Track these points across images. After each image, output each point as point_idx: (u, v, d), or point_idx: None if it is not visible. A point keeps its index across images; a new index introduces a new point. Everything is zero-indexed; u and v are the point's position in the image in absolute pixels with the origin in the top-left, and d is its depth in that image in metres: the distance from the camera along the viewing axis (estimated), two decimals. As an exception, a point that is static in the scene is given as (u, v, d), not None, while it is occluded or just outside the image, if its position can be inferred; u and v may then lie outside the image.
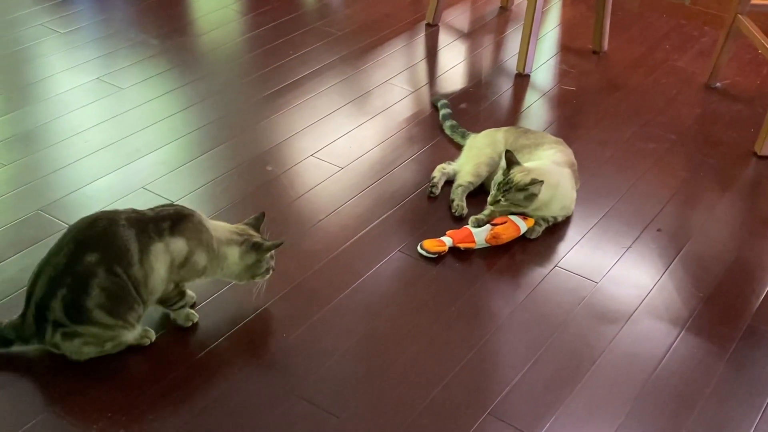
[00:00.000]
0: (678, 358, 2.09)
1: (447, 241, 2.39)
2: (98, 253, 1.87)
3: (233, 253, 2.05)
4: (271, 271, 2.14)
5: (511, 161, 2.44)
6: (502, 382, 2.01)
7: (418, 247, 2.39)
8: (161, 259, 1.93)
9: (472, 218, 2.45)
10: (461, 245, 2.39)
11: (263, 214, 2.17)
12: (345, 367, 2.03)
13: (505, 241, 2.41)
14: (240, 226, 2.12)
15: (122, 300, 1.90)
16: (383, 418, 1.90)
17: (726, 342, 2.14)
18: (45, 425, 1.84)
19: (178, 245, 1.95)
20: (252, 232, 2.11)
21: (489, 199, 2.46)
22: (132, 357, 2.01)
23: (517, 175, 2.40)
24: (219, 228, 2.08)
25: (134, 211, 1.96)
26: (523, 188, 2.38)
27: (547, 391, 1.98)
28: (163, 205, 2.02)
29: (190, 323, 2.11)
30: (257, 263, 2.08)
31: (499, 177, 2.45)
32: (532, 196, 2.39)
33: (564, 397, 1.97)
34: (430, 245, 2.38)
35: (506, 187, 2.40)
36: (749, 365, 2.08)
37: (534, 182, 2.37)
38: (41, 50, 3.37)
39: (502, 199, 2.41)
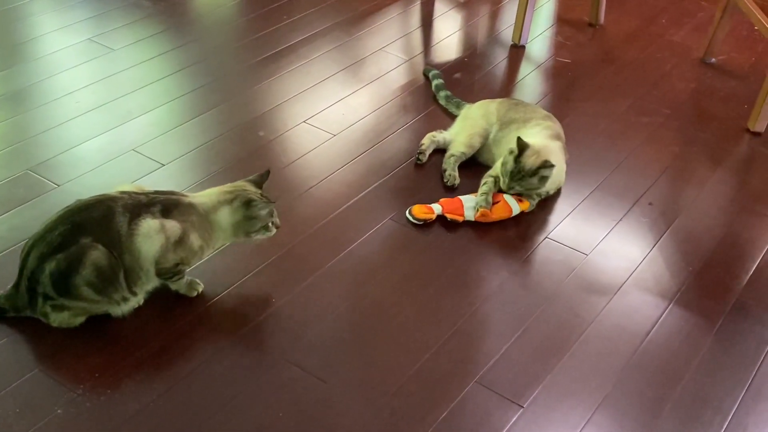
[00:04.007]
0: (665, 331, 2.10)
1: (436, 209, 2.38)
2: (93, 238, 1.87)
3: (224, 215, 2.02)
4: (273, 229, 2.09)
5: (523, 147, 2.37)
6: (490, 351, 2.01)
7: (407, 213, 2.39)
8: (155, 237, 1.92)
9: (477, 201, 2.39)
10: (449, 215, 2.38)
11: (268, 172, 2.14)
12: (334, 333, 2.03)
13: (493, 220, 2.40)
14: (238, 183, 2.08)
15: (110, 280, 1.90)
16: (371, 384, 1.91)
17: (714, 316, 2.15)
18: (33, 383, 1.84)
19: (172, 225, 1.94)
20: (249, 188, 2.07)
21: (503, 187, 2.42)
22: (121, 320, 2.00)
23: (529, 160, 2.37)
24: (208, 197, 2.04)
25: (130, 197, 1.94)
26: (535, 172, 2.37)
27: (535, 361, 1.99)
28: (157, 191, 2.00)
29: (195, 293, 2.09)
30: (249, 220, 2.04)
31: (510, 165, 2.38)
32: (545, 179, 2.38)
33: (551, 368, 1.98)
34: (419, 211, 2.38)
35: (519, 175, 2.37)
36: (736, 340, 2.09)
37: (545, 165, 2.35)
38: (32, 9, 3.33)
39: (517, 186, 2.39)
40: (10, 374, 1.86)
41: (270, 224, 2.08)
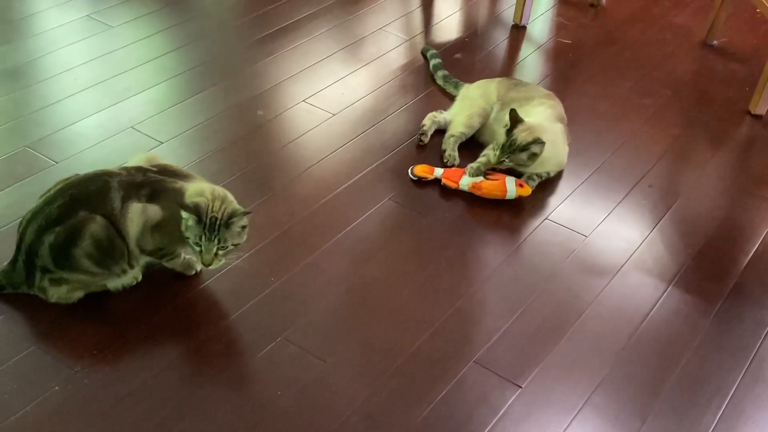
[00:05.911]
0: (664, 312, 2.10)
1: (437, 172, 2.44)
2: (89, 210, 1.86)
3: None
4: (196, 261, 1.95)
5: (515, 120, 2.39)
6: (488, 331, 2.01)
7: (409, 170, 2.47)
8: (135, 220, 1.90)
9: (469, 166, 2.43)
10: (444, 180, 2.42)
11: (247, 212, 1.90)
12: (333, 313, 2.03)
13: (484, 195, 2.39)
14: (227, 196, 1.93)
15: (109, 252, 1.89)
16: (369, 364, 1.91)
17: (713, 298, 2.15)
18: (31, 360, 1.84)
19: (153, 210, 1.91)
20: (223, 206, 1.88)
21: (493, 160, 2.41)
22: (119, 297, 2.00)
23: (520, 135, 2.36)
24: (194, 186, 1.95)
25: (128, 173, 1.92)
26: (525, 148, 2.36)
27: (533, 341, 1.99)
28: (163, 169, 1.97)
29: (193, 272, 2.08)
30: (185, 224, 1.89)
31: (502, 138, 2.40)
32: (534, 156, 2.37)
33: (549, 348, 1.98)
34: (419, 169, 2.46)
35: (510, 148, 2.37)
36: (735, 322, 2.09)
37: (536, 141, 2.35)
38: (30, -15, 3.31)
39: (507, 160, 2.39)
40: (8, 351, 1.86)
41: (197, 249, 1.90)
